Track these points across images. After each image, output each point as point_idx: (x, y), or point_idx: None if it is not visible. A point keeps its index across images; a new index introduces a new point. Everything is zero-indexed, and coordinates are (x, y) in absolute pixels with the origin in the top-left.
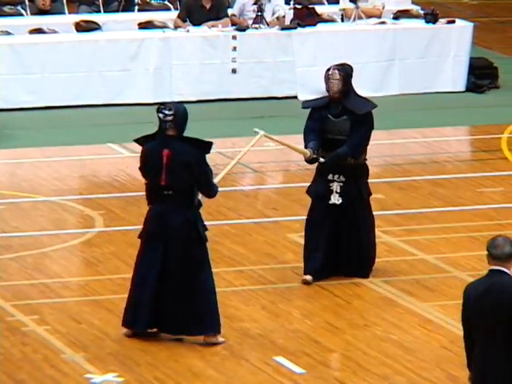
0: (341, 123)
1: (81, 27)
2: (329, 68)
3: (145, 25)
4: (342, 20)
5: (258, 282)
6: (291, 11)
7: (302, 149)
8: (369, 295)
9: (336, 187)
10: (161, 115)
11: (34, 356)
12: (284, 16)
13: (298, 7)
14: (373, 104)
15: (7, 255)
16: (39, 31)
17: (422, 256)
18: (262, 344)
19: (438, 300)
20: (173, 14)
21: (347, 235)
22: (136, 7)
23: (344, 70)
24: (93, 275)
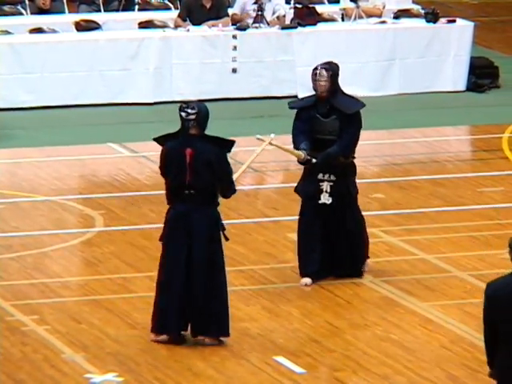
0: (330, 123)
1: (81, 27)
2: (316, 67)
3: (145, 24)
4: (343, 19)
5: (258, 282)
6: (291, 10)
7: (297, 151)
8: (369, 295)
9: (326, 187)
10: (183, 114)
11: (34, 356)
12: (284, 15)
13: (299, 6)
14: (361, 103)
15: (7, 255)
16: (39, 31)
17: (423, 256)
18: (262, 344)
19: (439, 300)
20: (173, 14)
21: (337, 234)
22: (136, 7)
23: (331, 69)
24: (93, 275)
